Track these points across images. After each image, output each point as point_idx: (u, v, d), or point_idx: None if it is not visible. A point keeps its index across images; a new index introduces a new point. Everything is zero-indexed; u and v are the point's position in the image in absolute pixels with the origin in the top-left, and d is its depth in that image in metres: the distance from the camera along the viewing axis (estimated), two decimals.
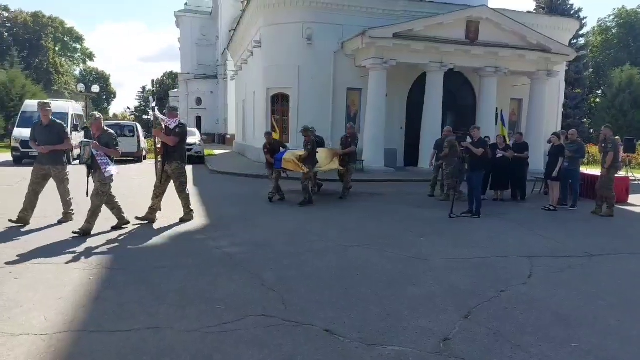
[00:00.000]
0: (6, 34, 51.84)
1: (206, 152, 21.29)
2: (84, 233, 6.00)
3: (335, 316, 3.68)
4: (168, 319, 3.51)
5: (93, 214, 6.17)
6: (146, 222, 6.99)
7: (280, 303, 3.93)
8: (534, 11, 33.04)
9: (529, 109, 18.31)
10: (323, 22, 16.70)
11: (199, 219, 7.43)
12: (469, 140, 9.02)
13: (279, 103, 18.13)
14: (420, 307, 3.96)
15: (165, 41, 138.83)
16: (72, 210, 6.99)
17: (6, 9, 54.10)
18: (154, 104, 7.66)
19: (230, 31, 29.88)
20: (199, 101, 44.39)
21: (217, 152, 25.22)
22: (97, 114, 6.66)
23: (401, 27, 15.43)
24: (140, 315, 3.56)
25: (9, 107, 27.66)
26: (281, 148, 10.07)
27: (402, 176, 14.69)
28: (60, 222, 6.76)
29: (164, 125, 7.13)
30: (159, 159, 7.27)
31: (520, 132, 13.66)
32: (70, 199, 6.98)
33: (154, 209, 7.16)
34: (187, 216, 7.31)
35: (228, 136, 34.99)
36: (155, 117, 7.30)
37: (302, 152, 9.31)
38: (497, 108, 16.57)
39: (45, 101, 7.44)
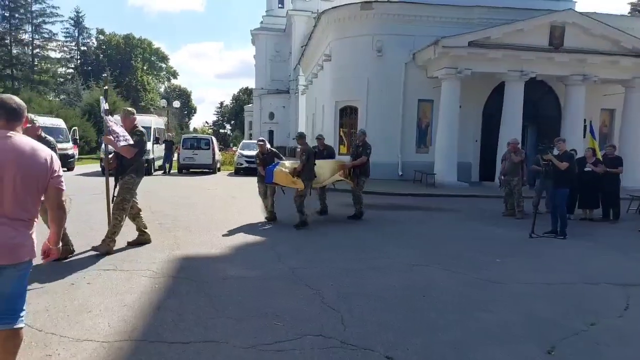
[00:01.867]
0: (101, 55, 57.34)
1: None
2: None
3: (397, 341, 3.40)
4: (225, 333, 3.43)
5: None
6: (141, 245, 6.05)
7: (339, 323, 3.71)
8: (629, 14, 30.26)
9: (622, 120, 16.61)
10: (393, 34, 16.48)
11: (264, 231, 7.44)
12: (555, 152, 8.24)
13: (347, 116, 18.08)
14: (494, 336, 3.54)
15: (242, 59, 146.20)
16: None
17: (102, 32, 60.01)
18: (105, 105, 5.88)
19: (302, 47, 30.58)
20: (271, 115, 45.79)
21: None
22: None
23: (477, 34, 14.76)
24: (198, 327, 3.52)
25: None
26: (276, 159, 8.57)
27: (476, 191, 13.87)
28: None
29: (113, 134, 5.50)
30: (111, 172, 5.89)
31: (612, 144, 12.37)
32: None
33: (142, 230, 6.17)
34: (103, 246, 5.57)
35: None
36: (108, 123, 5.59)
37: (297, 164, 7.98)
38: (585, 119, 15.21)
39: (31, 115, 5.07)
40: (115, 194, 5.77)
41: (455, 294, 4.58)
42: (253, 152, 19.78)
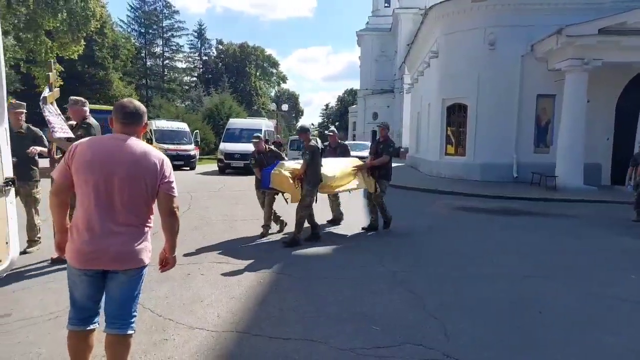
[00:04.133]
0: (220, 64, 62.33)
1: None
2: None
3: (504, 359, 3.10)
4: (324, 333, 3.45)
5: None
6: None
7: (441, 333, 3.51)
8: None
9: None
10: (507, 25, 15.28)
11: (365, 232, 7.39)
12: None
13: (455, 114, 17.24)
14: None
15: (347, 60, 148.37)
16: (39, 238, 5.53)
17: (221, 42, 65.25)
18: (46, 92, 5.26)
19: (407, 45, 29.97)
20: (375, 116, 45.67)
21: None
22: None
23: (610, 20, 13.00)
24: (297, 325, 3.59)
25: (219, 125, 32.92)
26: (277, 160, 6.92)
27: (606, 196, 12.24)
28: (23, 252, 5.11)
29: (49, 124, 4.94)
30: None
31: None
32: (39, 223, 5.53)
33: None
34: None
35: (402, 149, 34.99)
36: (44, 113, 5.04)
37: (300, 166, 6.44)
38: None
39: (18, 102, 5.52)
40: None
41: (574, 311, 4.06)
42: (357, 153, 19.96)
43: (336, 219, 7.96)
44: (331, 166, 6.79)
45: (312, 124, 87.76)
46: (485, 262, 5.68)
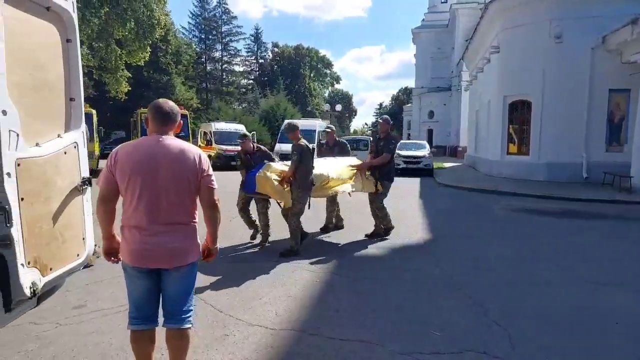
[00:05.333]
0: (275, 66, 63.62)
1: (435, 164, 21.03)
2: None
3: None
4: (380, 335, 3.40)
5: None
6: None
7: (505, 341, 3.35)
8: None
9: None
10: (576, 17, 14.34)
11: (421, 234, 7.22)
12: None
13: (517, 111, 16.44)
14: None
15: (402, 59, 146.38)
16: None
17: (276, 45, 66.62)
18: None
19: (465, 41, 29.00)
20: (431, 114, 44.59)
21: (447, 164, 24.65)
22: None
23: None
24: (354, 326, 3.57)
25: (274, 126, 33.61)
26: (266, 162, 6.04)
27: None
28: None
29: None
30: None
31: None
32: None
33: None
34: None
35: (459, 148, 33.92)
36: None
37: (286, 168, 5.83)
38: None
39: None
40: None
41: None
42: (411, 152, 19.61)
43: (329, 226, 7.26)
44: (325, 166, 6.18)
45: (366, 124, 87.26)
46: (551, 268, 5.36)
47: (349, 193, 6.66)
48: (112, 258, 2.47)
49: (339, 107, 37.15)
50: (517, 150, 16.47)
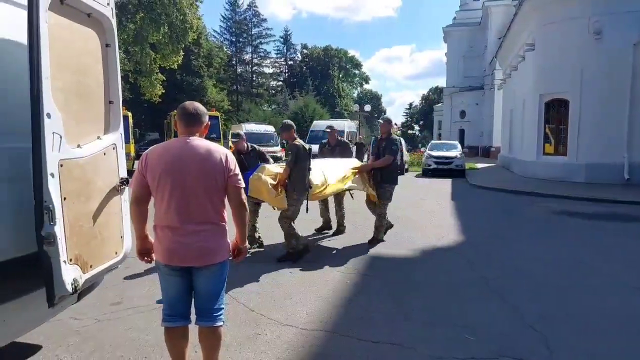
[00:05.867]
0: (304, 68, 63.94)
1: (467, 165, 20.62)
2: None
3: None
4: (412, 338, 3.35)
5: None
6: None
7: (543, 346, 3.24)
8: None
9: None
10: (616, 12, 13.75)
11: (453, 236, 7.08)
12: None
13: (554, 110, 15.91)
14: None
15: (432, 58, 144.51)
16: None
17: (305, 46, 66.98)
18: None
19: (499, 38, 28.32)
20: (462, 114, 43.78)
21: (479, 165, 24.13)
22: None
23: None
24: (385, 328, 3.53)
25: (303, 127, 33.79)
26: (261, 163, 5.76)
27: None
28: None
29: None
30: None
31: None
32: None
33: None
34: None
35: (492, 149, 33.14)
36: None
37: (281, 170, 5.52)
38: None
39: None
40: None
41: None
42: (442, 153, 19.30)
43: (326, 226, 7.10)
44: (323, 168, 5.81)
45: (395, 124, 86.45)
46: (590, 272, 5.16)
47: (351, 195, 6.21)
48: (145, 258, 2.55)
49: (367, 108, 36.97)
50: (554, 151, 15.94)
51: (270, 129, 23.75)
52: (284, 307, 3.95)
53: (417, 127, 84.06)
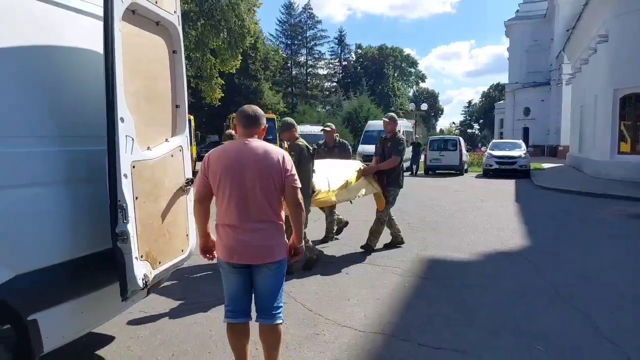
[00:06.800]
0: (359, 68, 63.71)
1: (532, 165, 19.57)
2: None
3: None
4: (476, 345, 3.21)
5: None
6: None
7: None
8: None
9: None
10: None
11: (519, 239, 6.73)
12: None
13: (630, 106, 14.73)
14: None
15: (492, 54, 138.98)
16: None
17: (360, 46, 66.72)
18: None
19: (567, 30, 26.66)
20: (526, 111, 41.67)
21: (545, 165, 22.82)
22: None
23: None
24: (447, 333, 3.41)
25: (357, 127, 33.67)
26: None
27: None
28: None
29: None
30: None
31: None
32: None
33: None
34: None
35: (560, 148, 31.23)
36: None
37: None
38: None
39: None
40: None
41: None
42: (505, 152, 18.44)
43: (329, 236, 6.54)
44: (327, 171, 5.37)
45: (453, 123, 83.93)
46: None
47: (350, 201, 5.81)
48: (207, 255, 2.65)
49: (424, 107, 36.02)
50: (630, 149, 14.76)
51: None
52: (341, 308, 3.93)
53: (476, 126, 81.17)
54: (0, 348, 2.08)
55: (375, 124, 22.44)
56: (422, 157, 21.06)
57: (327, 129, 6.65)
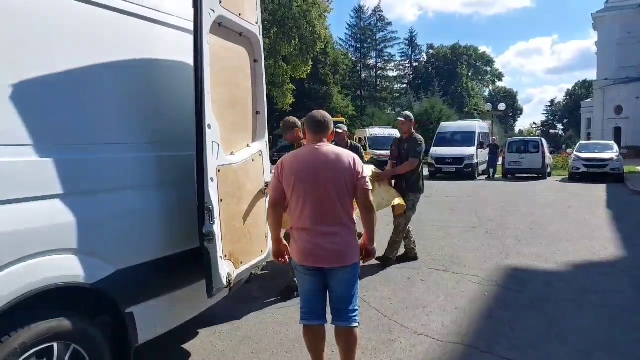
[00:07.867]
0: (430, 68, 62.13)
1: (626, 168, 17.84)
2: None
3: None
4: None
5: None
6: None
7: None
8: None
9: None
10: None
11: (612, 250, 6.16)
12: None
13: None
14: None
15: (577, 49, 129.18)
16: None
17: (431, 47, 65.08)
18: None
19: None
20: (618, 110, 38.15)
21: None
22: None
23: None
24: (534, 349, 3.20)
25: (429, 129, 32.75)
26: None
27: None
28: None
29: None
30: None
31: None
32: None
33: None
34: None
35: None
36: None
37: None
38: None
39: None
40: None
41: None
42: (593, 155, 16.98)
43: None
44: None
45: (534, 123, 79.03)
46: None
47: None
48: (280, 259, 2.71)
49: (502, 107, 34.16)
50: None
51: (394, 132, 23.51)
52: (417, 316, 3.84)
53: (560, 126, 75.77)
54: (98, 336, 2.23)
55: (448, 126, 21.73)
56: (500, 159, 20.05)
57: (339, 130, 5.94)
